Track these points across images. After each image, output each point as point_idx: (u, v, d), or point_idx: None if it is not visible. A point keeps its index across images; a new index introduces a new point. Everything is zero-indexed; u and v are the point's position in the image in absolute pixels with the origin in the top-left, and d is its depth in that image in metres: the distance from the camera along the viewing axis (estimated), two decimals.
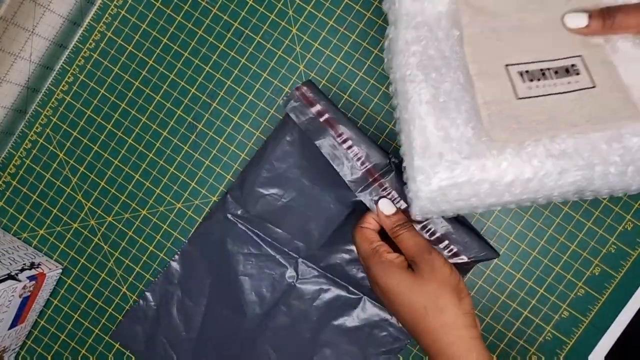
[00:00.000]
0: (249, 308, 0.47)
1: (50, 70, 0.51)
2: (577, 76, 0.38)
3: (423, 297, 0.37)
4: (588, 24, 0.37)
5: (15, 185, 0.51)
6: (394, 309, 0.39)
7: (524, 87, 0.38)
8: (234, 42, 0.49)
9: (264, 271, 0.47)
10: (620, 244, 0.47)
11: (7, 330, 0.46)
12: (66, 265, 0.51)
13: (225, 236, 0.48)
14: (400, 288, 0.38)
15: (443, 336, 0.36)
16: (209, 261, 0.48)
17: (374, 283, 0.40)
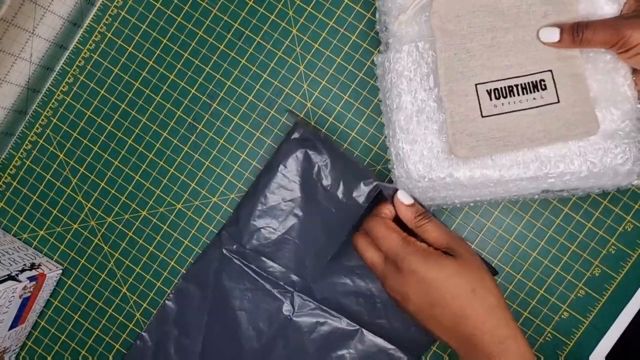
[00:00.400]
0: (247, 343, 0.47)
1: (51, 71, 0.51)
2: (543, 91, 0.41)
3: (471, 279, 0.37)
4: (560, 39, 0.39)
5: (16, 186, 0.51)
6: (434, 301, 0.37)
7: (490, 105, 0.41)
8: (234, 42, 0.49)
9: (261, 305, 0.48)
10: (620, 245, 0.47)
11: (8, 331, 0.46)
12: (66, 266, 0.51)
13: (221, 272, 0.48)
14: (445, 273, 0.37)
15: (492, 318, 0.36)
16: (204, 298, 0.48)
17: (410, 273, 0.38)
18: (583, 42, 0.39)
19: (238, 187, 0.49)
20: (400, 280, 0.38)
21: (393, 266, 0.39)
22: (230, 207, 0.50)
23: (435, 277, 0.37)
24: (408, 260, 0.38)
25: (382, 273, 0.40)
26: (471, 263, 0.38)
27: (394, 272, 0.39)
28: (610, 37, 0.38)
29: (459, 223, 0.48)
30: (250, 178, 0.49)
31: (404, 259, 0.38)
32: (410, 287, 0.38)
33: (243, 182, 0.49)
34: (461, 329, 0.37)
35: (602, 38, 0.38)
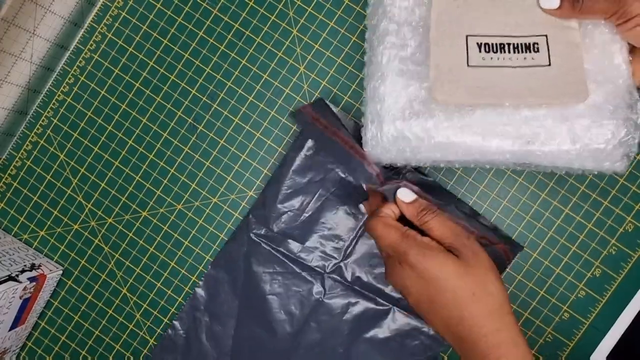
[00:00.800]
0: (279, 327, 0.47)
1: (51, 71, 0.51)
2: (535, 53, 0.40)
3: (471, 282, 0.36)
4: (559, 5, 0.39)
5: (16, 187, 0.51)
6: (432, 297, 0.36)
7: (478, 56, 0.40)
8: (234, 43, 0.49)
9: (291, 289, 0.47)
10: (621, 245, 0.47)
11: (8, 332, 0.46)
12: (67, 266, 0.51)
13: (250, 257, 0.48)
14: (445, 273, 0.36)
15: (491, 322, 0.35)
16: (234, 283, 0.48)
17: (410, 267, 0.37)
18: (582, 10, 0.38)
19: (238, 187, 0.49)
20: (401, 274, 0.38)
21: (393, 260, 0.38)
22: (230, 208, 0.49)
23: (435, 274, 0.36)
24: (407, 255, 0.37)
25: (385, 265, 0.40)
26: (475, 264, 0.36)
27: (395, 266, 0.38)
28: (609, 6, 0.37)
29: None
30: (251, 179, 0.49)
31: (403, 253, 0.37)
32: (410, 281, 0.37)
33: (243, 182, 0.49)
34: (459, 330, 0.36)
35: (602, 6, 0.37)
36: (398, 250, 0.37)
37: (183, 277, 0.50)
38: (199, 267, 0.50)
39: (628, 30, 0.38)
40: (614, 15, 0.37)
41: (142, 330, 0.50)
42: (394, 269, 0.38)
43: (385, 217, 0.40)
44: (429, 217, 0.39)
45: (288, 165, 0.46)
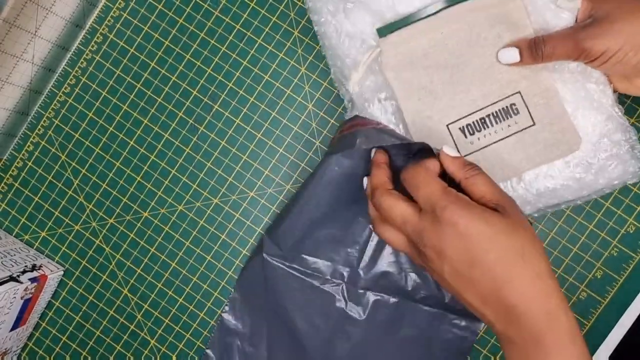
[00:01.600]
0: (309, 343, 0.47)
1: (53, 72, 0.51)
2: (516, 116, 0.39)
3: (520, 241, 0.32)
4: (520, 58, 0.38)
5: (18, 187, 0.51)
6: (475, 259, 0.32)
7: (466, 142, 0.40)
8: (235, 44, 0.49)
9: (313, 304, 0.47)
10: (622, 246, 0.46)
11: (9, 332, 0.46)
12: (68, 267, 0.51)
13: (267, 277, 0.47)
14: (492, 230, 0.32)
15: (540, 286, 0.32)
16: (258, 304, 0.48)
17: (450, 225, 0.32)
18: (545, 58, 0.37)
19: (239, 188, 0.49)
20: (438, 233, 0.33)
21: (430, 217, 0.33)
22: (231, 209, 0.50)
23: (479, 232, 0.32)
24: (450, 209, 0.32)
25: (415, 227, 0.34)
26: (522, 223, 0.33)
27: (431, 224, 0.33)
28: (571, 51, 0.37)
29: None
30: (252, 180, 0.49)
31: (445, 207, 0.32)
32: (448, 241, 0.32)
33: (244, 183, 0.49)
34: (503, 296, 0.32)
35: (563, 51, 0.37)
36: (438, 203, 0.33)
37: (184, 277, 0.50)
38: (199, 268, 0.50)
39: (596, 67, 0.37)
40: (579, 58, 0.37)
41: (143, 331, 0.50)
42: (429, 230, 0.33)
43: (427, 167, 0.36)
44: (474, 172, 0.35)
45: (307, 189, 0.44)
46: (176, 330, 0.50)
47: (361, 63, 0.40)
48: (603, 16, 0.36)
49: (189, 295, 0.50)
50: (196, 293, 0.50)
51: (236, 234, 0.50)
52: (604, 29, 0.36)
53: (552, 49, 0.37)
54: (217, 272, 0.50)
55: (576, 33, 0.37)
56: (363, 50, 0.40)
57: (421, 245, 0.34)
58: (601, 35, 0.35)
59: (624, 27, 0.35)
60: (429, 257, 0.34)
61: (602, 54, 0.36)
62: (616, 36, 0.35)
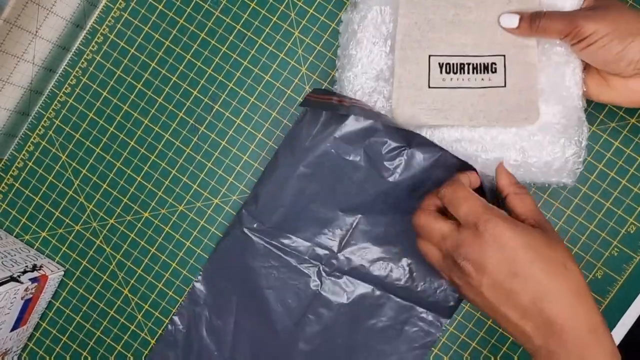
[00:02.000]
0: (278, 321, 0.47)
1: (53, 72, 0.51)
2: (492, 74, 0.42)
3: (561, 254, 0.33)
4: (518, 25, 0.41)
5: (18, 188, 0.51)
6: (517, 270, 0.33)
7: (438, 77, 0.42)
8: (236, 44, 0.50)
9: (288, 282, 0.47)
10: (623, 247, 0.46)
11: (9, 333, 0.46)
12: (68, 267, 0.51)
13: (244, 251, 0.47)
14: (535, 242, 0.33)
15: (581, 300, 0.32)
16: (231, 278, 0.48)
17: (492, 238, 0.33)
18: (539, 30, 0.40)
19: (240, 188, 0.49)
20: (479, 246, 0.34)
21: (471, 232, 0.34)
22: (232, 209, 0.49)
23: (524, 243, 0.33)
24: (493, 223, 0.33)
25: (454, 241, 0.35)
26: (559, 240, 0.35)
27: (472, 237, 0.34)
28: (564, 27, 0.39)
29: None
30: (252, 180, 0.49)
31: (487, 221, 0.34)
32: (490, 253, 0.33)
33: (245, 183, 0.49)
34: (545, 308, 0.32)
35: (557, 27, 0.39)
36: (482, 217, 0.34)
37: (184, 278, 0.50)
38: (200, 268, 0.50)
39: (582, 49, 0.39)
40: (569, 36, 0.39)
41: (143, 332, 0.50)
42: (470, 244, 0.34)
43: (466, 183, 0.38)
44: (523, 191, 0.38)
45: (280, 158, 0.46)
46: None
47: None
48: (603, 6, 0.39)
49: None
50: None
51: None
52: (598, 14, 0.39)
53: (548, 22, 0.40)
54: None
55: (574, 13, 0.40)
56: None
57: (460, 259, 0.35)
58: (594, 18, 0.38)
59: (617, 17, 0.38)
60: (466, 272, 0.34)
61: (590, 35, 0.38)
62: (608, 22, 0.38)
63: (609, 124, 0.47)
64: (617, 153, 0.47)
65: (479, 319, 0.48)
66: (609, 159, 0.47)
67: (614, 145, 0.47)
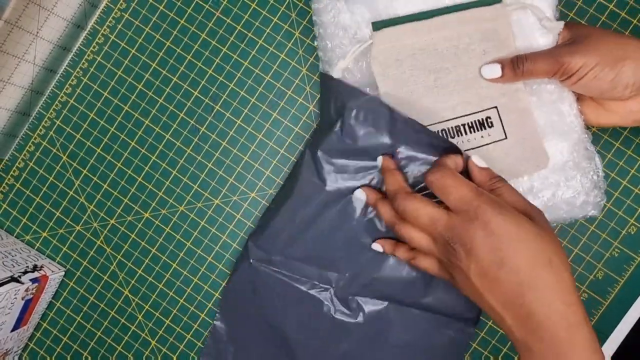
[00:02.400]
0: (299, 350, 0.46)
1: (54, 73, 0.51)
2: (490, 129, 0.41)
3: (548, 247, 0.33)
4: (502, 73, 0.40)
5: (19, 188, 0.51)
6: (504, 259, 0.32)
7: None
8: (236, 45, 0.50)
9: (301, 310, 0.46)
10: (623, 248, 0.46)
11: (10, 333, 0.46)
12: (69, 267, 0.51)
13: (255, 284, 0.47)
14: (524, 233, 0.33)
15: (563, 296, 0.32)
16: (248, 312, 0.47)
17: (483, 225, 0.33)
18: (525, 74, 0.39)
19: (240, 189, 0.50)
20: (470, 231, 0.33)
21: (462, 216, 0.34)
22: (232, 210, 0.50)
23: (511, 232, 0.33)
24: (483, 208, 0.33)
25: (446, 224, 0.35)
26: (550, 231, 0.34)
27: (463, 222, 0.34)
28: (550, 66, 0.38)
29: None
30: (253, 180, 0.49)
31: (478, 207, 0.33)
32: (479, 239, 0.33)
33: (245, 184, 0.49)
34: (526, 302, 0.32)
35: (543, 67, 0.39)
36: (472, 203, 0.34)
37: (185, 278, 0.50)
38: (200, 269, 0.50)
39: (573, 84, 0.39)
40: (557, 74, 0.38)
41: (144, 332, 0.50)
42: (462, 227, 0.34)
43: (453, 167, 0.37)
44: (501, 183, 0.36)
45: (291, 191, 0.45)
46: (177, 331, 0.50)
47: (350, 52, 0.41)
48: (581, 36, 0.39)
49: (190, 296, 0.50)
50: (197, 294, 0.50)
51: (237, 235, 0.50)
52: (582, 46, 0.38)
53: (532, 64, 0.39)
54: (218, 273, 0.50)
55: (555, 50, 0.39)
56: (354, 41, 0.42)
57: (452, 241, 0.35)
58: (579, 51, 0.38)
59: (600, 44, 0.37)
60: (457, 255, 0.34)
61: (579, 69, 0.37)
62: (593, 52, 0.37)
63: None
64: (617, 154, 0.47)
65: (480, 320, 0.47)
66: (610, 160, 0.47)
67: (614, 147, 0.47)
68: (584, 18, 0.47)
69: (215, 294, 0.50)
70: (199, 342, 0.50)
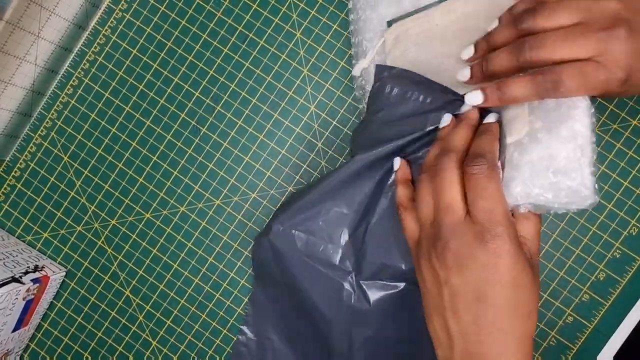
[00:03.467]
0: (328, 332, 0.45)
1: (56, 73, 0.51)
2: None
3: (533, 300, 0.31)
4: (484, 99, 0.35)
5: (20, 188, 0.51)
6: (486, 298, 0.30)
7: None
8: (237, 45, 0.50)
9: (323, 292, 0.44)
10: (625, 249, 0.46)
11: (11, 333, 0.46)
12: (70, 268, 0.51)
13: (277, 262, 0.44)
14: (521, 280, 0.31)
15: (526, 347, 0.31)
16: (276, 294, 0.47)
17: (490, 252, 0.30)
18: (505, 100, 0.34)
19: (241, 190, 0.49)
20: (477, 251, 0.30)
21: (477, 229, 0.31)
22: (233, 210, 0.50)
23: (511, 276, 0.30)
24: (502, 240, 0.30)
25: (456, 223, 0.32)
26: (538, 284, 0.33)
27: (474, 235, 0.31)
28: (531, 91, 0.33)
29: None
30: (254, 181, 0.49)
31: (499, 235, 0.30)
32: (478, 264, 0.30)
33: (246, 184, 0.49)
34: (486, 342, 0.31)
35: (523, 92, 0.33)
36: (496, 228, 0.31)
37: (185, 278, 0.50)
38: (201, 269, 0.50)
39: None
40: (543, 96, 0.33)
41: (144, 332, 0.50)
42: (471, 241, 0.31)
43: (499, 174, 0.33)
44: (535, 215, 0.34)
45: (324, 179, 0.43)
46: (178, 332, 0.50)
47: (369, 50, 0.42)
48: None
49: (190, 296, 0.50)
50: (197, 294, 0.50)
51: (238, 236, 0.50)
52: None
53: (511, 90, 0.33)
54: (219, 273, 0.50)
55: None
56: (378, 36, 0.42)
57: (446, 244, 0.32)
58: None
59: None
60: (441, 258, 0.32)
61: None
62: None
63: (611, 125, 0.47)
64: (618, 155, 0.47)
65: None
66: (611, 161, 0.47)
67: (615, 147, 0.47)
68: None
69: (216, 294, 0.50)
70: (199, 342, 0.50)
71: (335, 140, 0.49)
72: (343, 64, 0.49)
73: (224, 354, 0.50)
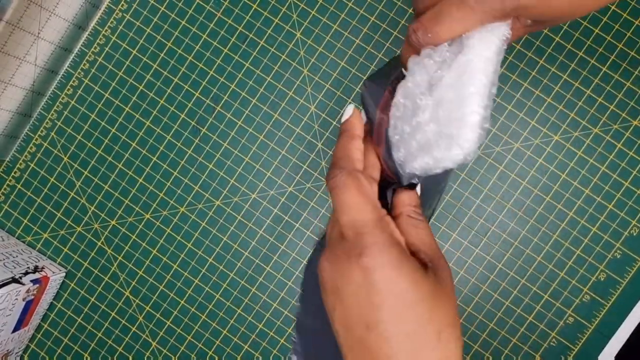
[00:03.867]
0: None
1: (55, 74, 0.51)
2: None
3: (442, 317, 0.25)
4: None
5: (20, 189, 0.51)
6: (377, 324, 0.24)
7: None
8: (238, 46, 0.50)
9: None
10: (625, 249, 0.46)
11: (11, 334, 0.46)
12: (69, 268, 0.51)
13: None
14: (414, 295, 0.24)
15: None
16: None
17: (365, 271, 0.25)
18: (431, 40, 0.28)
19: (241, 190, 0.49)
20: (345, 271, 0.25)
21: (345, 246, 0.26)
22: (233, 211, 0.49)
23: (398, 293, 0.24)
24: (372, 250, 0.25)
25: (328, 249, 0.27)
26: (450, 292, 0.26)
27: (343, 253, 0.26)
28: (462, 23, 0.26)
29: (463, 227, 0.48)
30: (254, 181, 0.49)
31: (369, 245, 0.25)
32: (352, 287, 0.25)
33: (246, 185, 0.49)
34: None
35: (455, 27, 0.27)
36: (364, 238, 0.25)
37: (185, 279, 0.50)
38: (201, 270, 0.50)
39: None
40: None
41: (144, 333, 0.50)
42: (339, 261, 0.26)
43: (365, 180, 0.27)
44: (421, 218, 0.28)
45: None
46: (178, 333, 0.50)
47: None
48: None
49: (191, 297, 0.50)
50: (198, 295, 0.50)
51: (238, 236, 0.50)
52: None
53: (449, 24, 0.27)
54: (219, 274, 0.50)
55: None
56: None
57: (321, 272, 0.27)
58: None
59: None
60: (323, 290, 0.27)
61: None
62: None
63: (612, 126, 0.47)
64: (619, 155, 0.46)
65: (481, 321, 0.47)
66: (612, 161, 0.47)
67: (616, 148, 0.47)
68: (585, 19, 0.47)
69: (216, 295, 0.50)
70: (199, 343, 0.50)
71: (335, 141, 0.49)
72: (343, 64, 0.49)
73: (224, 354, 0.50)
